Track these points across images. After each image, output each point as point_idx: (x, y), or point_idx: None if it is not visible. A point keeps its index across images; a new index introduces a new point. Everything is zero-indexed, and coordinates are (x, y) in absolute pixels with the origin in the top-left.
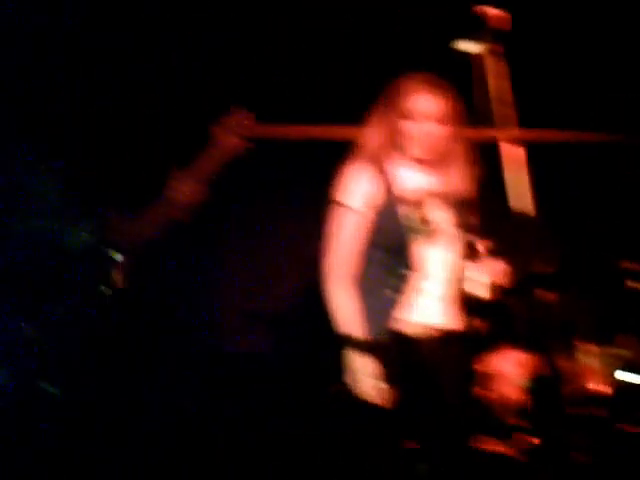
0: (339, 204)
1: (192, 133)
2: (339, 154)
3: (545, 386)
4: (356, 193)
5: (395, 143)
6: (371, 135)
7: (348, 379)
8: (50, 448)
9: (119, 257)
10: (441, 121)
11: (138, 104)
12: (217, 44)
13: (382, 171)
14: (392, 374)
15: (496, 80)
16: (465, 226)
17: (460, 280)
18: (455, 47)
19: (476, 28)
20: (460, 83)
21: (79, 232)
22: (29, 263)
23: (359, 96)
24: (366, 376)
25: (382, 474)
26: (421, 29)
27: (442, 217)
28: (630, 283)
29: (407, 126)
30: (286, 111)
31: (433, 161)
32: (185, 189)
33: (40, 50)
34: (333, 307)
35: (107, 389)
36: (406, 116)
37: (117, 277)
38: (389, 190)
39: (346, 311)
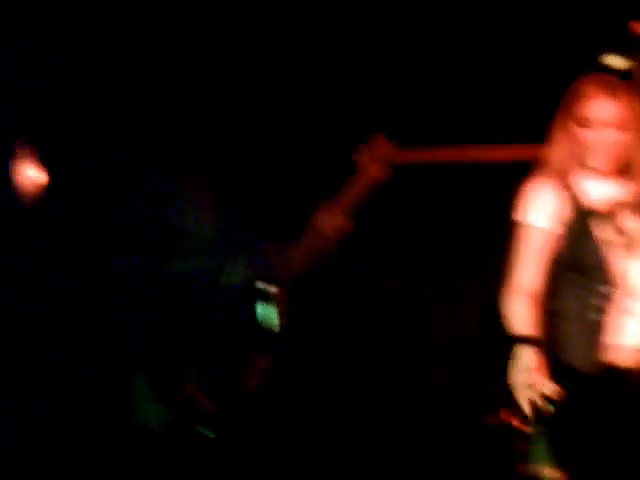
0: (522, 222)
1: (333, 164)
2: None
3: None
4: (540, 210)
5: (577, 153)
6: (553, 146)
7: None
8: None
9: (275, 291)
10: (621, 127)
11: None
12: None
13: (566, 184)
14: (600, 408)
15: None
16: None
17: None
18: (606, 62)
19: (629, 44)
20: None
21: (236, 268)
22: (187, 302)
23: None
24: (538, 387)
25: None
26: (574, 43)
27: (637, 227)
28: None
29: (585, 135)
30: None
31: (618, 169)
32: (332, 221)
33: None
34: (509, 319)
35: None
36: (584, 124)
37: (275, 311)
38: (576, 204)
39: (522, 321)
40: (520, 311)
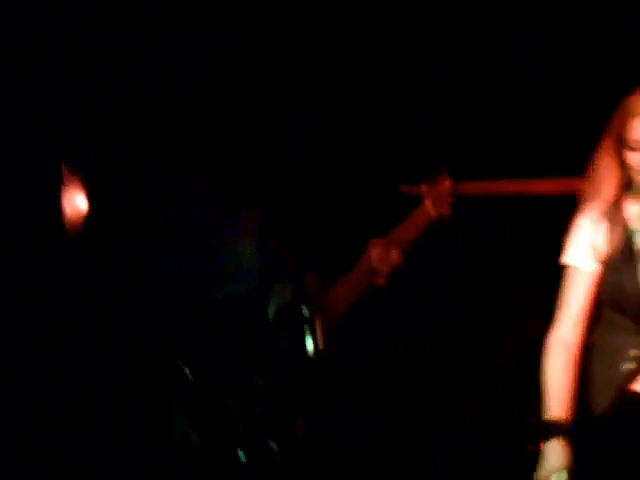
0: (566, 264)
1: (389, 198)
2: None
3: None
4: (583, 250)
5: (626, 179)
6: (597, 173)
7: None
8: None
9: (317, 319)
10: None
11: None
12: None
13: (613, 215)
14: (618, 457)
15: None
16: None
17: None
18: None
19: None
20: None
21: (278, 295)
22: (229, 328)
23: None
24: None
25: None
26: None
27: None
28: None
29: (632, 158)
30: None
31: None
32: (386, 256)
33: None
34: (544, 376)
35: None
36: (633, 146)
37: (315, 340)
38: (624, 236)
39: (556, 387)
40: (557, 373)
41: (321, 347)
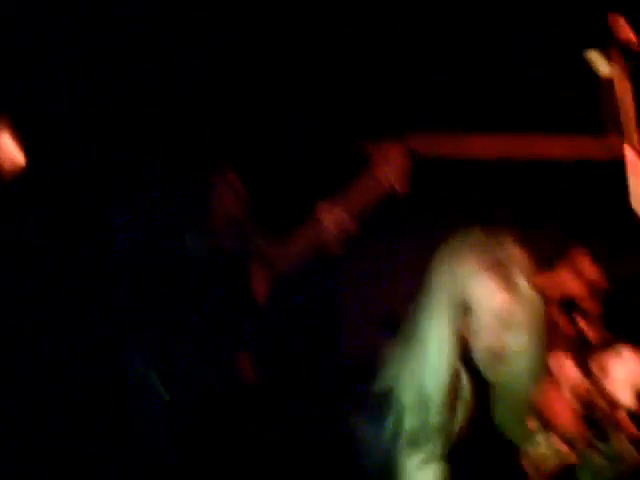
0: None
1: (347, 161)
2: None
3: None
4: None
5: None
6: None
7: None
8: None
9: (260, 276)
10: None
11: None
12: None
13: None
14: None
15: (623, 94)
16: None
17: None
18: (587, 58)
19: (607, 41)
20: (588, 94)
21: (226, 247)
22: (178, 279)
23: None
24: None
25: None
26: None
27: None
28: None
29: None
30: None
31: None
32: (335, 219)
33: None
34: None
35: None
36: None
37: (258, 295)
38: None
39: None
40: None
41: (262, 302)
